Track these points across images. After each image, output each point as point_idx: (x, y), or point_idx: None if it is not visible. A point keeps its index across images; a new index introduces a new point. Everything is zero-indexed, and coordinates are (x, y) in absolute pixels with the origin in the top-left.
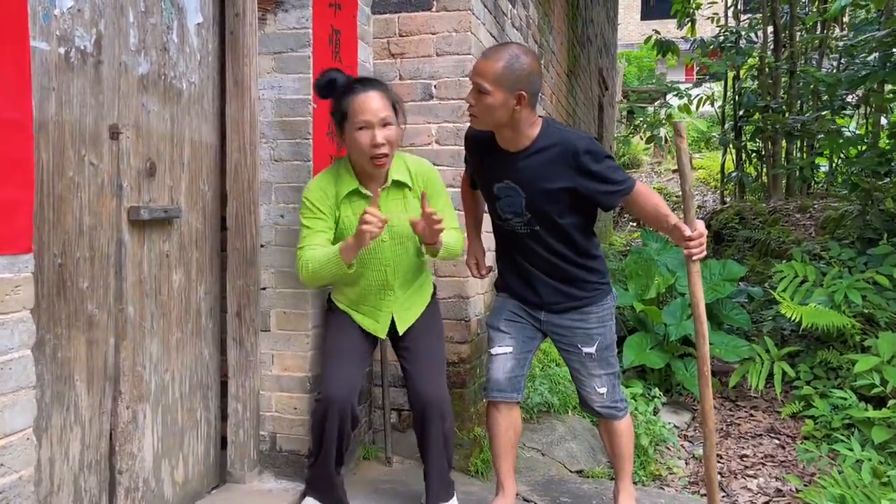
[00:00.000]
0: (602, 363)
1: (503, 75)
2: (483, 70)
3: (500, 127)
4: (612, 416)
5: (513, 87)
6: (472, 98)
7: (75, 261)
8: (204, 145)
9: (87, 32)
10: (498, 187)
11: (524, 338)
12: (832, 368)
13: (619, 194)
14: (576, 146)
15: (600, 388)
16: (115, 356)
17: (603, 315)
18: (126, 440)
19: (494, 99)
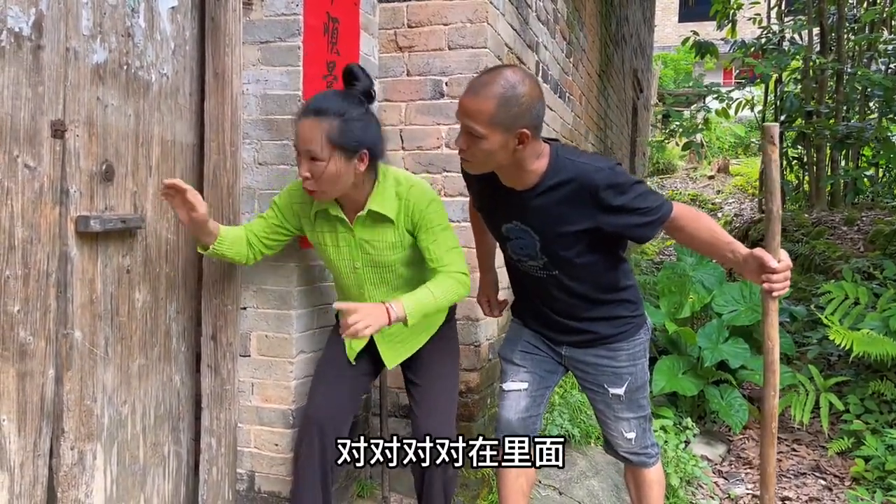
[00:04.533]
0: (631, 406)
1: (498, 114)
2: (472, 110)
3: (500, 169)
4: (640, 464)
5: (512, 125)
6: (464, 142)
7: (3, 280)
8: (178, 145)
9: (24, 12)
10: (507, 228)
11: (542, 372)
12: (886, 402)
13: (654, 225)
14: (594, 182)
15: (628, 432)
16: (55, 389)
17: (634, 352)
18: (70, 485)
19: (491, 143)
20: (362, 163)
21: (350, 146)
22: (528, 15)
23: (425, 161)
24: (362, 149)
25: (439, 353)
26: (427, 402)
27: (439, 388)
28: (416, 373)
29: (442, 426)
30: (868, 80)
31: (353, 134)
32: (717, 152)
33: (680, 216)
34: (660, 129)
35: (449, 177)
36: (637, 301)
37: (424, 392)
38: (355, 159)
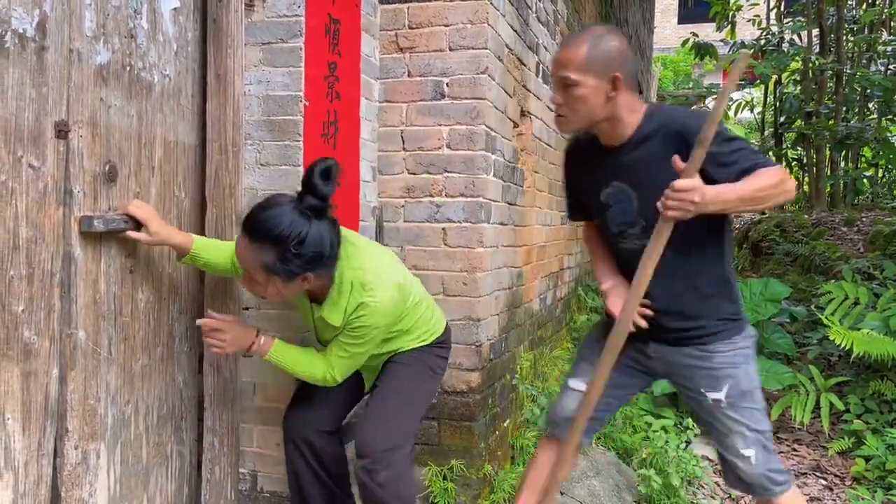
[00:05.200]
0: (740, 413)
1: (590, 59)
2: (564, 60)
3: (597, 122)
4: (765, 492)
5: (604, 69)
6: (559, 96)
7: (7, 280)
8: (180, 146)
9: (28, 14)
10: (606, 193)
11: (613, 383)
12: (886, 402)
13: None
14: (683, 123)
15: (745, 449)
16: (59, 389)
17: (733, 356)
18: (74, 485)
19: (585, 89)
20: (307, 281)
21: (290, 275)
22: (528, 16)
23: (426, 162)
24: (305, 273)
25: (397, 369)
26: (369, 411)
27: (385, 400)
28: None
29: (374, 435)
30: (867, 81)
31: (291, 266)
32: None
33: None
34: None
35: (450, 177)
36: (738, 302)
37: (372, 402)
38: (298, 280)
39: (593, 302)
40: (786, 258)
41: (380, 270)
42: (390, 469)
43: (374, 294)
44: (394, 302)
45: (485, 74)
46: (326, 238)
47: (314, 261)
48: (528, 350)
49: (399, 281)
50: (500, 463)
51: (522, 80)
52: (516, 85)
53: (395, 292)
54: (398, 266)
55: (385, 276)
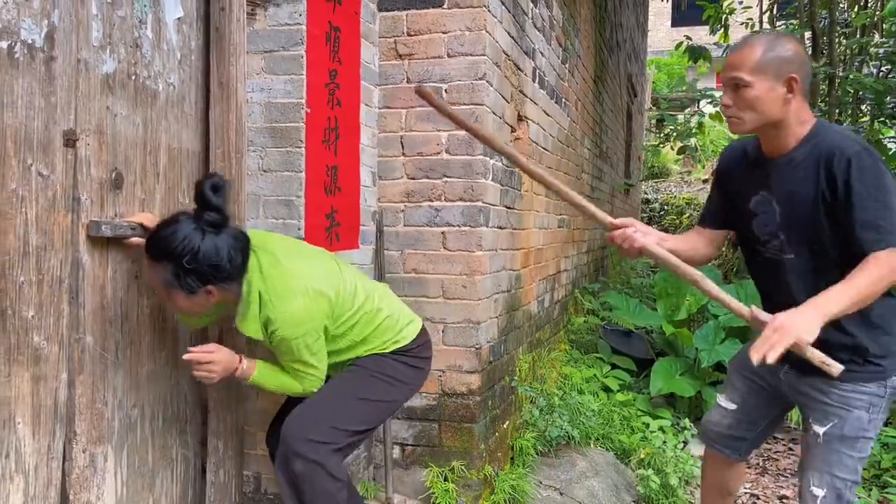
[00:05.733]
0: (829, 453)
1: (764, 60)
2: (737, 61)
3: (768, 126)
4: None
5: (779, 71)
6: (729, 97)
7: (18, 286)
8: (184, 153)
9: (37, 24)
10: (755, 201)
11: (754, 404)
12: None
13: (874, 239)
14: (833, 147)
15: (816, 487)
16: (68, 393)
17: (853, 398)
18: (82, 488)
19: (758, 90)
20: (211, 294)
21: (190, 289)
22: (524, 22)
23: (426, 167)
24: (205, 287)
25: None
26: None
27: (318, 395)
28: None
29: (293, 424)
30: (859, 84)
31: (188, 280)
32: (711, 156)
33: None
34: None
35: (449, 182)
36: (889, 346)
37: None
38: (202, 293)
39: (590, 304)
40: None
41: (289, 280)
42: (308, 461)
43: (277, 306)
44: (304, 310)
45: (483, 80)
46: (223, 251)
47: (211, 274)
48: (526, 352)
49: (316, 288)
50: (500, 464)
51: (519, 85)
52: (513, 90)
53: (305, 300)
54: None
55: (294, 286)
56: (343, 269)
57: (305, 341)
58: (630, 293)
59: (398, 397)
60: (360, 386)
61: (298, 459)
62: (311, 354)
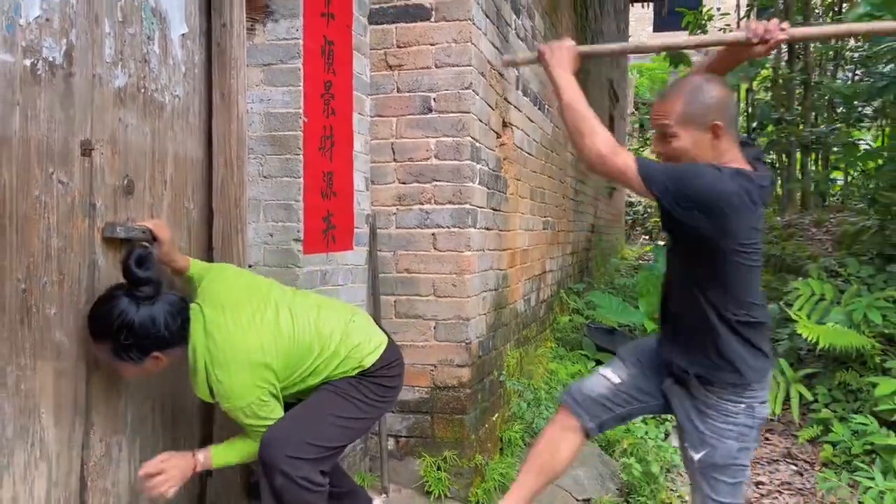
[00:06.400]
0: (706, 479)
1: (688, 109)
2: (663, 112)
3: None
4: None
5: (703, 120)
6: (660, 146)
7: (42, 286)
8: (189, 161)
9: (57, 43)
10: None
11: (639, 387)
12: (851, 391)
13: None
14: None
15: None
16: (86, 387)
17: (722, 428)
18: (98, 475)
19: (684, 141)
20: (159, 360)
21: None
22: (507, 33)
23: (416, 171)
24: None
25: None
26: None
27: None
28: None
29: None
30: (829, 89)
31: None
32: None
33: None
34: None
35: (438, 186)
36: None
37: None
38: (149, 360)
39: (575, 304)
40: None
41: (231, 353)
42: (286, 477)
43: (222, 380)
44: (248, 384)
45: (469, 90)
46: (160, 319)
47: (152, 343)
48: (514, 348)
49: (259, 360)
50: (490, 454)
51: (504, 93)
52: (498, 98)
53: (248, 374)
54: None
55: (237, 359)
56: (298, 319)
57: (251, 409)
58: (614, 293)
59: (371, 414)
60: (333, 406)
61: (278, 474)
62: (260, 417)
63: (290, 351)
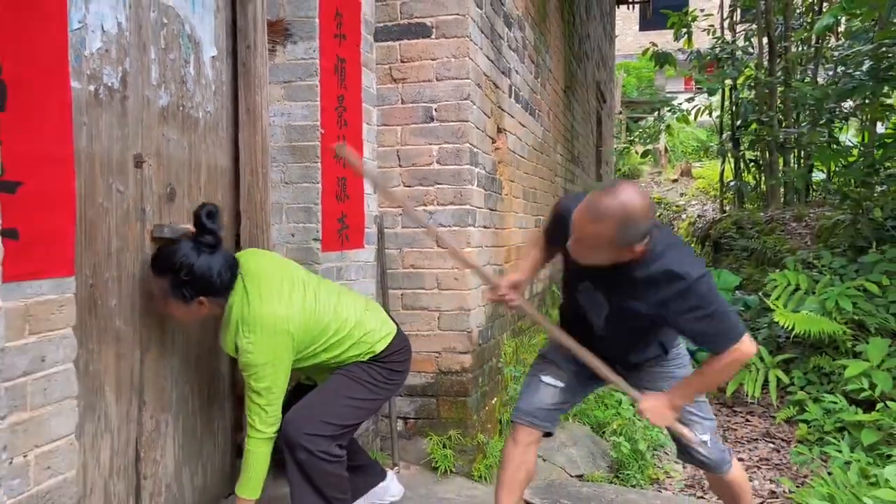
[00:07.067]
0: (697, 406)
1: (618, 238)
2: (590, 236)
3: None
4: (718, 468)
5: (628, 244)
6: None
7: (105, 281)
8: (219, 169)
9: (114, 70)
10: (584, 286)
11: (579, 383)
12: (825, 374)
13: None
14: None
15: (702, 434)
16: (140, 368)
17: (680, 361)
18: (150, 447)
19: (603, 256)
20: (203, 306)
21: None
22: (500, 45)
23: (419, 176)
24: (198, 297)
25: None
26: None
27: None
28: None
29: (293, 417)
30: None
31: (183, 290)
32: (681, 156)
33: (729, 352)
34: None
35: (440, 188)
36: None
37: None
38: (195, 304)
39: None
40: (742, 253)
41: (263, 320)
42: (306, 450)
43: (249, 338)
44: (270, 348)
45: (467, 100)
46: (214, 269)
47: (203, 287)
48: (510, 338)
49: (285, 329)
50: (490, 434)
51: (498, 101)
52: (493, 106)
53: (273, 340)
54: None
55: (266, 325)
56: (320, 300)
57: (265, 371)
58: None
59: (380, 395)
60: (346, 389)
61: (300, 450)
62: (265, 385)
63: (309, 326)
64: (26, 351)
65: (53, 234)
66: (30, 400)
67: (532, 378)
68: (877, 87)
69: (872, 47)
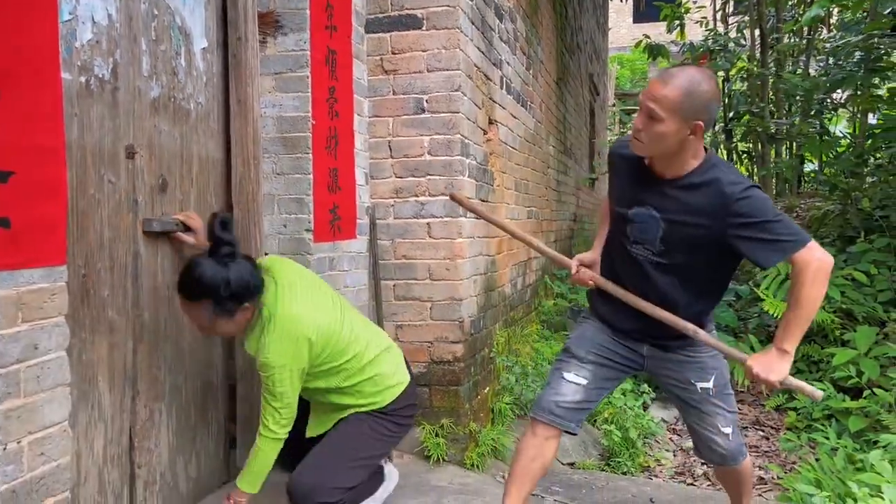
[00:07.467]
0: (723, 399)
1: (682, 103)
2: (659, 95)
3: (665, 155)
4: (735, 461)
5: (690, 116)
6: (641, 123)
7: (97, 271)
8: (210, 161)
9: (105, 62)
10: (636, 211)
11: (604, 377)
12: (814, 362)
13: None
14: (726, 192)
15: (725, 427)
16: (133, 358)
17: (715, 354)
18: (144, 437)
19: (668, 127)
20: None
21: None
22: (492, 37)
23: (411, 167)
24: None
25: (344, 425)
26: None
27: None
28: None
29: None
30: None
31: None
32: None
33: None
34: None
35: (431, 179)
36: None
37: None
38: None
39: (559, 288)
40: None
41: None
42: None
43: (273, 338)
44: (291, 352)
45: (458, 91)
46: (246, 274)
47: (245, 294)
48: (502, 328)
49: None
50: (482, 423)
51: (489, 92)
52: (484, 97)
53: (296, 345)
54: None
55: (292, 329)
56: (346, 319)
57: (282, 374)
58: None
59: (385, 448)
60: (355, 449)
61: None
62: (281, 389)
63: (329, 340)
64: (19, 339)
65: (45, 223)
66: (23, 387)
67: (554, 373)
68: (866, 77)
69: (862, 38)
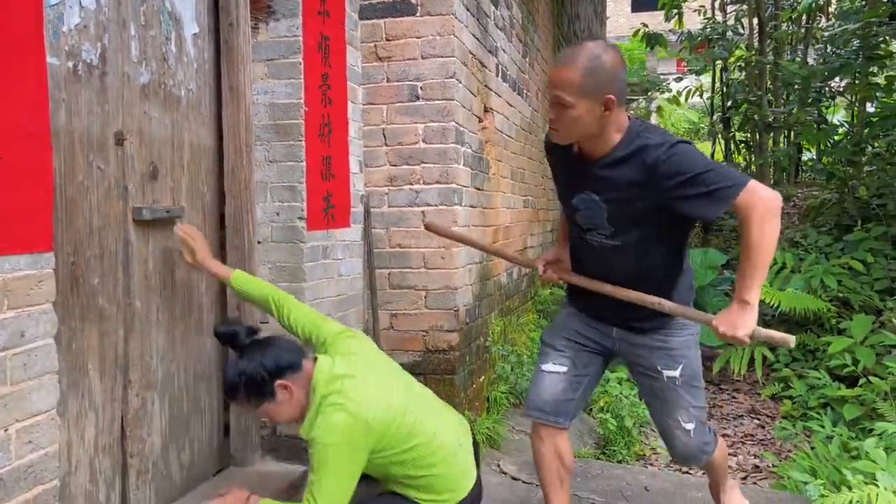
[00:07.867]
0: (689, 390)
1: (586, 83)
2: (560, 81)
3: (588, 137)
4: (697, 461)
5: (599, 92)
6: (554, 112)
7: (86, 259)
8: (202, 148)
9: (93, 46)
10: (578, 198)
11: (583, 362)
12: (810, 351)
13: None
14: (652, 155)
15: (687, 422)
16: (124, 347)
17: (686, 341)
18: (136, 425)
19: (579, 111)
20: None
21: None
22: (487, 24)
23: (405, 155)
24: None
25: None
26: None
27: None
28: None
29: None
30: (787, 71)
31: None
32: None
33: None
34: None
35: (426, 167)
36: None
37: None
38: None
39: None
40: (732, 233)
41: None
42: None
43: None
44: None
45: (453, 79)
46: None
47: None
48: (498, 317)
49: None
50: (478, 411)
51: (484, 80)
52: (479, 85)
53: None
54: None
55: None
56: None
57: (329, 453)
58: None
59: None
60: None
61: None
62: (325, 474)
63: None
64: (5, 326)
65: (30, 209)
66: (9, 374)
67: (536, 371)
68: (864, 66)
69: (860, 26)
